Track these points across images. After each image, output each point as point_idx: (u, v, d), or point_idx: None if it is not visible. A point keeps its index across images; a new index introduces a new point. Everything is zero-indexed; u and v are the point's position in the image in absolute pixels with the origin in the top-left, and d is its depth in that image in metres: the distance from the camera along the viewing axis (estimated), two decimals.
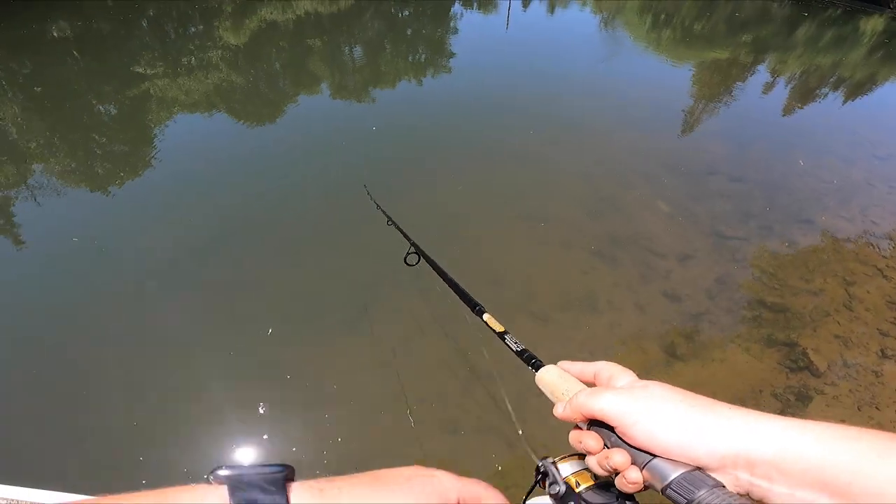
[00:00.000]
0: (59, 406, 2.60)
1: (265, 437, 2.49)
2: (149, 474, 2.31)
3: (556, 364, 0.56)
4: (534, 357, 0.60)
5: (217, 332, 3.05)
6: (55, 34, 10.15)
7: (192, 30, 10.93)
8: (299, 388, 2.72)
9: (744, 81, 8.81)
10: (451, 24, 11.74)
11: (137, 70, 7.99)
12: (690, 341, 3.21)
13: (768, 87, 8.58)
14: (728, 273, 3.77)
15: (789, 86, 8.98)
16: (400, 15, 12.75)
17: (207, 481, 0.31)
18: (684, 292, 3.56)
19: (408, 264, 1.34)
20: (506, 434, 2.51)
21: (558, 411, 0.49)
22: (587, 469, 0.48)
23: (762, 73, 9.37)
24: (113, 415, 2.56)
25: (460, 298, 0.88)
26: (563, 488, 0.47)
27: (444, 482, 0.36)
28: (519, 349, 0.64)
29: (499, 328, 0.73)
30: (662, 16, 13.08)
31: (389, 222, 1.82)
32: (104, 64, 8.72)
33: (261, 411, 2.57)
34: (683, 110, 6.95)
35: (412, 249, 1.35)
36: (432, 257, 1.18)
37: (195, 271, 3.50)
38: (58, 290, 3.31)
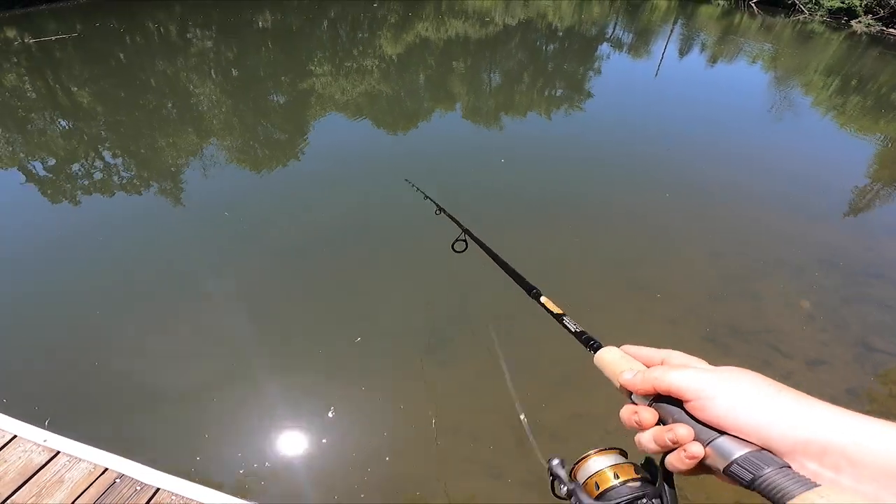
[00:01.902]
0: (146, 371, 2.90)
1: (324, 440, 2.56)
2: (207, 451, 2.46)
3: (618, 346, 0.55)
4: (592, 339, 0.60)
5: (312, 327, 3.30)
6: (260, 24, 12.10)
7: (360, 35, 12.23)
8: (370, 401, 2.79)
9: None
10: (595, 65, 11.38)
11: (310, 67, 9.18)
12: None
13: None
14: (862, 386, 3.21)
15: None
16: (544, 48, 12.84)
17: None
18: None
19: (455, 251, 1.32)
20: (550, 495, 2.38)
21: (627, 377, 0.49)
22: (631, 463, 0.50)
23: None
24: (194, 389, 2.76)
25: (516, 282, 0.86)
26: (569, 487, 0.51)
27: None
28: (577, 330, 0.64)
29: (557, 311, 0.72)
30: (854, 80, 11.32)
31: (438, 211, 1.72)
32: (287, 56, 10.14)
33: (329, 415, 2.68)
34: (854, 189, 5.91)
35: (462, 236, 1.31)
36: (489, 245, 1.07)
37: (309, 264, 3.86)
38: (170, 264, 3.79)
